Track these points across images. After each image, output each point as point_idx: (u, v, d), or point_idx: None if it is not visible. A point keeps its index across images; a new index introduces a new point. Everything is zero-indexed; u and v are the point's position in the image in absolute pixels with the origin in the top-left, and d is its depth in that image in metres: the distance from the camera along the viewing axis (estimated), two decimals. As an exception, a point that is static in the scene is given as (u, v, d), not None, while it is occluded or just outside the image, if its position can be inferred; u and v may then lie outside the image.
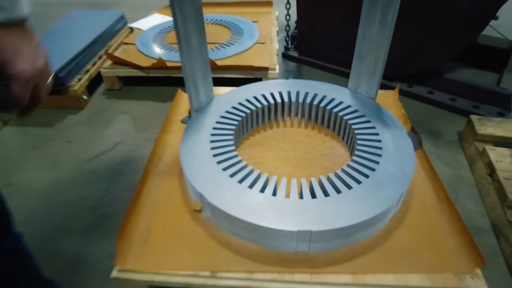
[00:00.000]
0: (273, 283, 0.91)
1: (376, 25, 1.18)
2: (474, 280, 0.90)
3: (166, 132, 1.40)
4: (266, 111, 1.39)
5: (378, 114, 1.29)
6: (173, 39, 2.12)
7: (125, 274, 0.93)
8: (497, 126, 1.44)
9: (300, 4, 2.01)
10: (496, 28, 2.74)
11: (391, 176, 1.03)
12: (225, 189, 0.99)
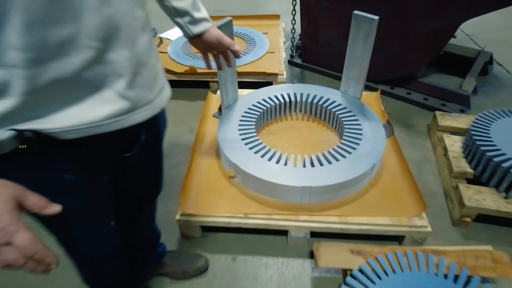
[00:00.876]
0: (285, 221, 1.36)
1: (360, 44, 1.62)
2: (420, 220, 1.34)
3: (203, 124, 1.85)
4: (277, 108, 1.84)
5: (362, 110, 1.73)
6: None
7: (185, 217, 1.39)
8: (454, 120, 1.87)
9: (303, 21, 2.45)
10: (472, 38, 3.19)
11: (367, 153, 1.48)
12: (251, 161, 1.44)
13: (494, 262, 1.22)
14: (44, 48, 0.48)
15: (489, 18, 3.11)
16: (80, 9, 0.50)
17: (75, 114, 0.56)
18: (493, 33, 3.22)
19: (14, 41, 0.46)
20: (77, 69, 0.53)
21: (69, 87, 0.54)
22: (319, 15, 2.32)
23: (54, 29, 0.48)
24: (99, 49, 0.54)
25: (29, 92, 0.50)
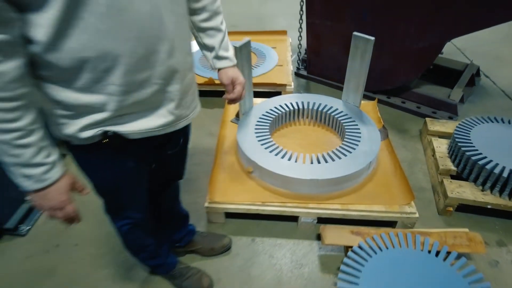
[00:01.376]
0: (296, 208, 1.63)
1: (359, 60, 1.90)
2: (409, 208, 1.61)
3: (223, 128, 2.13)
4: (287, 115, 2.12)
5: (360, 117, 2.01)
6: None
7: (212, 204, 1.66)
8: (442, 125, 2.15)
9: (308, 38, 2.74)
10: (463, 52, 3.48)
11: (364, 152, 1.75)
12: (267, 158, 1.71)
13: (469, 241, 1.49)
14: (132, 84, 0.77)
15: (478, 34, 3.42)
16: (155, 62, 0.78)
17: (140, 123, 0.86)
18: (482, 47, 3.51)
19: (115, 80, 0.74)
20: (148, 96, 0.82)
21: (139, 106, 0.83)
22: (323, 33, 2.62)
23: (139, 74, 0.77)
24: (162, 84, 0.83)
25: (117, 109, 0.79)
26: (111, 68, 0.72)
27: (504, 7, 1.83)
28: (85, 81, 0.72)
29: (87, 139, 0.82)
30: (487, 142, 1.81)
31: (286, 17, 4.27)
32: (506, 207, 1.64)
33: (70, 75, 0.71)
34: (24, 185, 0.75)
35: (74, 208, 0.85)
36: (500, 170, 1.63)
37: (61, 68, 0.68)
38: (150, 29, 0.73)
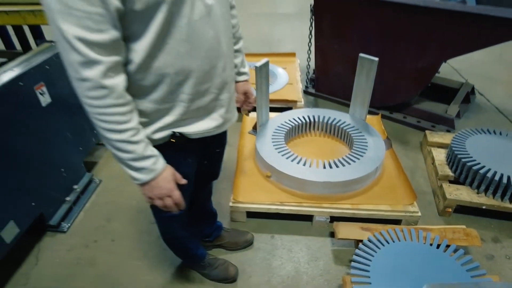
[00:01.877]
0: (311, 208, 1.83)
1: (364, 78, 2.14)
2: (412, 207, 1.80)
3: (241, 139, 2.36)
4: (300, 127, 2.35)
5: (366, 129, 2.23)
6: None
7: (236, 204, 1.86)
8: (440, 137, 2.36)
9: (316, 58, 3.01)
10: (460, 72, 3.73)
11: (371, 159, 1.96)
12: (284, 164, 1.92)
13: (466, 236, 1.67)
14: (196, 94, 0.99)
15: (473, 56, 3.71)
16: (214, 75, 1.00)
17: (199, 125, 1.06)
18: (477, 68, 3.77)
19: (186, 90, 0.96)
20: (206, 103, 1.03)
21: (199, 111, 1.04)
22: (330, 54, 2.88)
23: (203, 85, 0.98)
24: (217, 93, 1.05)
25: (183, 114, 1.00)
26: (184, 81, 0.94)
27: (491, 31, 2.08)
28: (162, 92, 0.93)
29: (158, 140, 1.02)
30: (480, 151, 2.02)
31: (293, 41, 4.57)
32: (499, 207, 1.84)
33: (151, 88, 0.92)
34: (139, 178, 0.92)
35: (179, 193, 1.00)
36: (493, 174, 1.83)
37: (145, 83, 0.90)
38: (213, 50, 0.95)
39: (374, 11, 2.44)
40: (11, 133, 1.58)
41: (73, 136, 2.03)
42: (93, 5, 0.71)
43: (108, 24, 0.75)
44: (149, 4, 0.78)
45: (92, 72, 0.77)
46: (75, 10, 0.71)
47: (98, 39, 0.75)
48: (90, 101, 0.80)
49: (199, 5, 0.87)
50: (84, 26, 0.72)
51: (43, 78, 1.78)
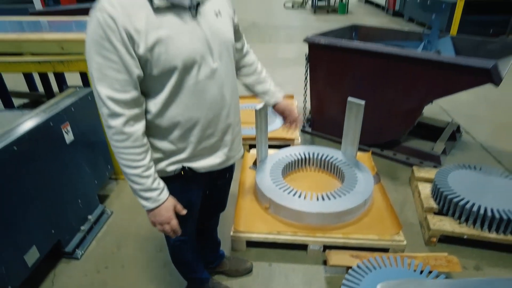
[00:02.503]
0: (305, 237, 1.99)
1: (353, 120, 2.38)
2: (398, 236, 1.96)
3: (243, 173, 2.56)
4: (296, 162, 2.56)
5: (357, 165, 2.43)
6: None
7: (237, 233, 2.03)
8: (426, 172, 2.56)
9: (312, 101, 3.28)
10: (447, 111, 3.99)
11: (360, 192, 2.15)
12: (281, 196, 2.11)
13: (448, 262, 1.82)
14: (203, 137, 1.20)
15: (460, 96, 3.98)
16: (218, 122, 1.21)
17: (205, 161, 1.26)
18: (464, 108, 4.03)
19: (194, 134, 1.17)
20: (212, 144, 1.24)
21: (206, 150, 1.23)
22: (324, 97, 3.16)
23: (208, 130, 1.20)
24: (221, 136, 1.26)
25: (192, 152, 1.20)
26: (192, 127, 1.15)
27: (463, 77, 2.34)
28: (175, 135, 1.15)
29: (171, 172, 1.22)
30: (461, 184, 2.20)
31: (292, 84, 4.90)
32: (479, 237, 1.99)
33: (166, 132, 1.15)
34: (145, 205, 1.13)
35: (177, 222, 1.19)
36: (471, 206, 2.00)
37: (162, 127, 1.13)
38: (216, 102, 1.17)
39: (362, 60, 2.74)
40: (39, 166, 1.80)
41: (90, 170, 2.25)
42: (120, 73, 0.97)
43: (131, 86, 1.00)
44: (164, 70, 1.02)
45: (116, 122, 1.00)
46: (108, 77, 0.96)
47: (123, 98, 0.99)
48: (114, 142, 1.04)
49: (204, 68, 1.09)
50: (113, 88, 0.97)
51: (69, 119, 2.03)
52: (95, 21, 0.93)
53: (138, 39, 0.95)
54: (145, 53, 0.97)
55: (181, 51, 1.02)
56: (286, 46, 7.06)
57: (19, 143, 1.64)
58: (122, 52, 0.95)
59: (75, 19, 3.51)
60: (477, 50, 2.92)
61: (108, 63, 0.95)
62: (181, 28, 1.02)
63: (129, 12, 0.94)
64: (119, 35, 0.93)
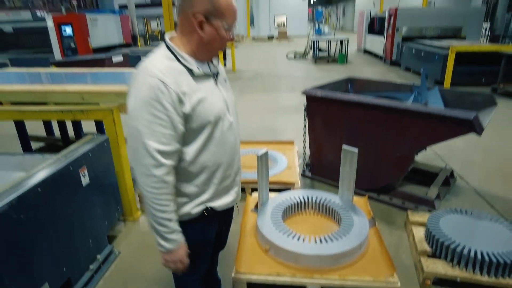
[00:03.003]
0: (304, 279, 2.08)
1: (348, 166, 2.55)
2: (392, 278, 2.05)
3: (244, 216, 2.69)
4: (296, 206, 2.69)
5: (353, 209, 2.56)
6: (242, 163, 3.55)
7: (238, 275, 2.12)
8: (420, 217, 2.67)
9: (311, 147, 3.48)
10: (442, 157, 4.16)
11: (356, 235, 2.26)
12: (281, 239, 2.23)
13: (440, 304, 1.89)
14: (224, 178, 1.41)
15: (454, 143, 4.16)
16: (233, 164, 1.44)
17: (222, 200, 1.45)
18: (458, 154, 4.20)
19: (217, 176, 1.38)
20: (228, 184, 1.44)
21: (223, 190, 1.44)
22: (322, 144, 3.36)
23: (227, 172, 1.41)
24: (234, 176, 1.47)
25: (214, 193, 1.40)
26: (216, 170, 1.36)
27: (448, 127, 2.54)
28: (201, 179, 1.34)
29: (195, 214, 1.38)
30: (453, 228, 2.31)
31: (293, 130, 5.15)
32: (471, 279, 2.07)
33: (195, 176, 1.33)
34: (166, 246, 1.28)
35: (188, 261, 1.37)
36: (462, 249, 2.10)
37: (192, 173, 1.32)
38: (233, 148, 1.40)
39: (355, 110, 2.97)
40: (57, 206, 1.96)
41: (101, 211, 2.40)
42: (168, 129, 1.17)
43: (175, 140, 1.20)
44: (202, 124, 1.25)
45: (160, 172, 1.19)
46: (156, 132, 1.16)
47: (168, 149, 1.19)
48: (151, 189, 1.20)
49: (226, 122, 1.34)
50: (161, 142, 1.17)
51: (86, 163, 2.22)
52: (147, 84, 1.14)
53: (185, 100, 1.18)
54: (189, 111, 1.20)
55: (213, 109, 1.26)
56: (288, 95, 7.43)
57: (43, 185, 1.82)
58: (171, 111, 1.15)
59: (91, 71, 3.85)
60: (463, 101, 3.15)
61: (158, 120, 1.14)
62: (211, 91, 1.29)
63: (176, 78, 1.17)
64: (170, 98, 1.14)
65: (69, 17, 8.17)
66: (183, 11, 1.22)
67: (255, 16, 27.47)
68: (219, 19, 1.20)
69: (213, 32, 1.22)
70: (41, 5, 15.38)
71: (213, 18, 1.19)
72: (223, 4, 1.19)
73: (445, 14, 10.56)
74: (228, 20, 1.22)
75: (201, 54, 1.27)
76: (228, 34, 1.25)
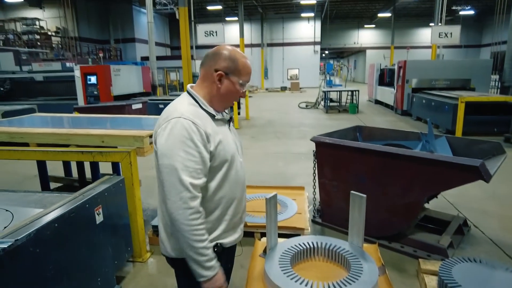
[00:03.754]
0: (312, 326, 2.02)
1: (357, 212, 2.56)
2: (404, 329, 1.97)
3: (252, 261, 2.68)
4: (305, 252, 2.67)
5: (363, 255, 2.53)
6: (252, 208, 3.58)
7: (244, 320, 2.08)
8: (432, 265, 2.60)
9: (321, 193, 3.51)
10: (456, 206, 4.09)
11: (365, 282, 2.22)
12: (290, 284, 2.20)
13: None
14: (234, 213, 1.51)
15: (469, 191, 4.13)
16: (242, 200, 1.54)
17: (230, 237, 1.52)
18: (472, 203, 4.13)
19: (230, 212, 1.48)
20: (236, 221, 1.52)
21: (232, 226, 1.51)
22: (331, 190, 3.39)
23: (238, 207, 1.51)
24: (242, 213, 1.56)
25: (224, 229, 1.48)
26: (230, 205, 1.46)
27: (459, 172, 2.56)
28: (217, 214, 1.43)
29: None
30: (466, 277, 2.25)
31: (304, 176, 5.18)
32: (488, 334, 1.97)
33: (210, 212, 1.42)
34: (207, 274, 1.33)
35: (227, 285, 1.46)
36: (476, 300, 2.03)
37: (208, 208, 1.40)
38: (243, 185, 1.53)
39: (362, 157, 3.04)
40: (69, 243, 2.02)
41: (112, 250, 2.45)
42: (198, 164, 1.30)
43: (203, 174, 1.32)
44: (221, 162, 1.38)
45: (195, 203, 1.30)
46: (189, 168, 1.28)
47: (199, 183, 1.31)
48: (190, 221, 1.29)
49: (238, 162, 1.48)
50: (193, 176, 1.29)
51: (101, 202, 2.32)
52: (180, 125, 1.29)
53: (211, 139, 1.33)
54: (213, 149, 1.34)
55: (229, 149, 1.42)
56: (298, 142, 7.57)
57: (59, 221, 1.90)
58: (202, 148, 1.30)
59: (111, 117, 4.09)
60: (471, 149, 3.19)
61: (190, 157, 1.28)
62: (227, 133, 1.46)
63: (202, 121, 1.33)
64: (200, 136, 1.29)
65: (95, 68, 8.79)
66: (207, 65, 1.42)
67: (269, 69, 28.76)
68: (236, 76, 1.41)
69: (229, 86, 1.41)
70: (70, 57, 16.57)
71: (231, 75, 1.40)
72: (241, 65, 1.41)
73: (454, 67, 10.89)
74: (243, 78, 1.42)
75: (216, 104, 1.44)
76: (242, 89, 1.44)
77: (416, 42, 30.66)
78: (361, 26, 32.20)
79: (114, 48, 23.83)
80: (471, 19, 28.54)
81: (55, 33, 21.83)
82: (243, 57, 1.42)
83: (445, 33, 11.86)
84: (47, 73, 10.92)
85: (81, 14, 22.90)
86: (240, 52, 1.44)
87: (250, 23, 28.06)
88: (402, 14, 28.68)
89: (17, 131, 3.06)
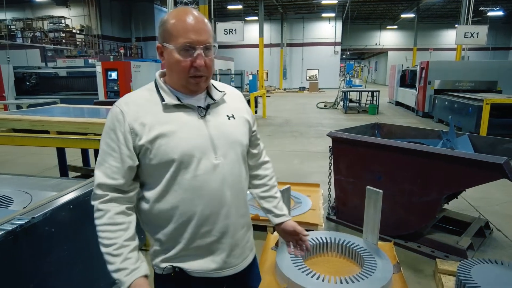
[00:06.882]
0: (322, 320, 1.98)
1: (372, 207, 2.50)
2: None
3: (264, 254, 2.66)
4: (318, 246, 2.63)
5: (377, 252, 2.47)
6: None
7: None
8: (450, 265, 2.51)
9: (336, 190, 3.44)
10: (477, 209, 3.95)
11: (379, 278, 2.16)
12: (301, 277, 2.17)
13: None
14: (198, 234, 1.13)
15: (492, 194, 3.99)
16: (216, 221, 1.13)
17: (197, 263, 1.15)
18: (496, 206, 3.97)
19: (188, 230, 1.11)
20: (206, 244, 1.14)
21: (199, 250, 1.15)
22: (347, 187, 3.33)
23: (204, 227, 1.12)
24: (218, 237, 1.15)
25: (182, 249, 1.13)
26: (187, 222, 1.12)
27: (481, 170, 2.46)
28: (169, 228, 1.13)
29: (165, 270, 1.16)
30: (485, 279, 2.15)
31: (320, 174, 5.13)
32: (508, 337, 1.88)
33: (161, 223, 1.13)
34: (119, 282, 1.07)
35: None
36: (495, 302, 1.94)
37: (157, 218, 1.13)
38: (215, 199, 1.13)
39: (380, 154, 2.96)
40: (83, 226, 2.05)
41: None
42: (117, 162, 1.09)
43: (121, 175, 1.09)
44: (162, 161, 1.09)
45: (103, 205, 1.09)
46: (106, 164, 1.09)
47: (111, 183, 1.09)
48: (96, 220, 1.10)
49: (205, 163, 1.11)
50: (106, 174, 1.09)
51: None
52: (110, 114, 1.12)
53: (141, 132, 1.08)
54: (145, 143, 1.08)
55: (179, 145, 1.09)
56: (315, 141, 7.49)
57: (74, 203, 1.93)
58: (122, 142, 1.08)
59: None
60: (494, 148, 3.06)
61: (110, 150, 1.09)
62: (186, 124, 1.12)
63: (141, 108, 1.11)
64: (123, 128, 1.08)
65: (115, 64, 8.98)
66: None
67: (288, 69, 28.66)
68: (169, 42, 1.09)
69: (168, 58, 1.12)
70: (93, 54, 17.00)
71: (165, 43, 1.11)
72: (170, 26, 1.09)
73: (480, 68, 10.54)
74: (179, 40, 1.07)
75: (177, 85, 1.16)
76: (184, 55, 1.09)
77: (440, 44, 29.90)
78: (383, 27, 31.69)
79: (135, 46, 24.31)
80: (500, 21, 27.57)
81: (79, 31, 22.48)
82: (176, 15, 1.09)
83: (471, 33, 11.53)
84: (70, 68, 11.25)
85: (104, 12, 23.53)
86: (176, 10, 1.14)
87: (270, 23, 28.04)
88: (426, 15, 28.05)
89: (38, 119, 3.14)
